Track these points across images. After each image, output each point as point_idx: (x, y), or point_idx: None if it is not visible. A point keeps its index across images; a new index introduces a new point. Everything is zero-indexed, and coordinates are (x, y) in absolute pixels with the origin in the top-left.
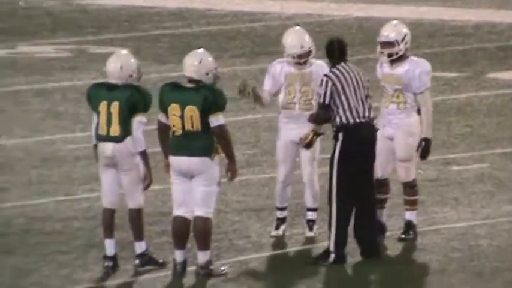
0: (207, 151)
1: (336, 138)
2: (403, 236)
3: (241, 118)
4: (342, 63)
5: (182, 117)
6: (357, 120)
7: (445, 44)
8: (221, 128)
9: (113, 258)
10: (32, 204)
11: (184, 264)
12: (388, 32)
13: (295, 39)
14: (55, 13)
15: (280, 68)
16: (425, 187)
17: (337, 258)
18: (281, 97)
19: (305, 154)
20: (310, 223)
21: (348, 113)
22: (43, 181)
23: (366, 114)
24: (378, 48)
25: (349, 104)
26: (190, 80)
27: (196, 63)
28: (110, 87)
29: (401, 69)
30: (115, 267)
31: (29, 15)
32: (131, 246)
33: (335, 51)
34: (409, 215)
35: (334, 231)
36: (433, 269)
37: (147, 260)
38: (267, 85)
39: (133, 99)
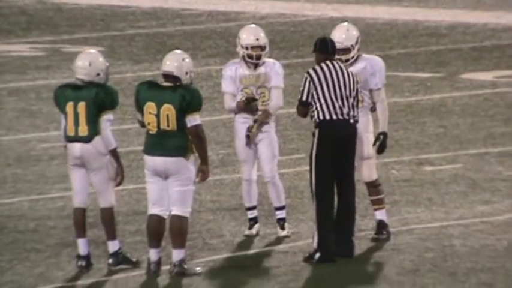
0: (182, 151)
1: (313, 134)
2: (375, 236)
3: (216, 118)
4: (328, 61)
5: (158, 115)
6: (333, 117)
7: (419, 45)
8: (197, 128)
9: (86, 258)
10: (5, 203)
11: (158, 263)
12: (342, 39)
13: (251, 33)
14: (30, 12)
15: (235, 70)
16: (399, 187)
17: (323, 257)
18: (236, 98)
19: (264, 152)
20: (281, 222)
21: (324, 109)
22: (17, 180)
23: (344, 112)
24: None
25: (325, 101)
26: (168, 78)
27: (177, 61)
28: (76, 88)
29: (357, 67)
30: (88, 266)
31: (3, 13)
32: (105, 245)
33: (328, 49)
34: (379, 214)
35: (317, 229)
36: (406, 269)
37: (120, 259)
38: (229, 87)
39: (99, 98)
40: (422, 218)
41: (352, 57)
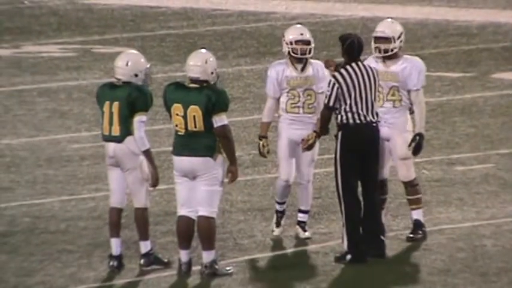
0: (209, 151)
1: (336, 137)
2: (411, 235)
3: (247, 118)
4: (354, 63)
5: (185, 117)
6: (357, 121)
7: (450, 44)
8: (224, 128)
9: (118, 258)
10: (37, 204)
11: (189, 263)
12: (384, 28)
13: (296, 29)
14: (60, 12)
15: (282, 71)
16: (430, 187)
17: (354, 257)
18: (283, 101)
19: (305, 155)
20: (302, 224)
21: (349, 114)
22: (48, 180)
23: (369, 116)
24: (373, 44)
25: (351, 106)
26: (194, 81)
27: (202, 64)
28: (113, 87)
29: (397, 66)
30: (120, 266)
31: (34, 14)
32: (136, 245)
33: (354, 50)
34: (416, 214)
35: (346, 231)
36: (437, 269)
37: (152, 260)
38: (272, 90)
39: (132, 99)
40: (453, 218)
41: (391, 50)
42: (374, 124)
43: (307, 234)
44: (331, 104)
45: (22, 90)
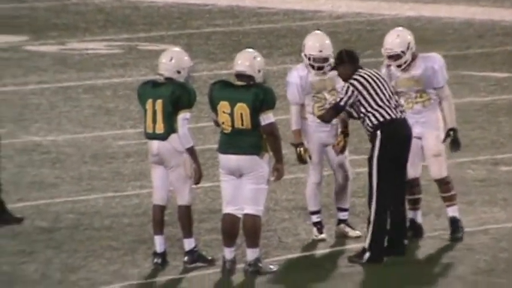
0: (256, 149)
1: (373, 137)
2: (452, 234)
3: None
4: (360, 70)
5: (232, 114)
6: (392, 116)
7: (495, 44)
8: (271, 126)
9: (163, 255)
10: (81, 200)
11: (233, 261)
12: (392, 45)
13: (316, 41)
14: (106, 9)
15: (305, 77)
16: (475, 187)
17: (373, 257)
18: (308, 104)
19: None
20: (347, 222)
21: (382, 110)
22: (93, 177)
23: (398, 111)
24: (385, 61)
25: (378, 104)
26: (241, 77)
27: (250, 60)
28: (156, 85)
29: (418, 70)
30: (164, 263)
31: (80, 11)
32: (180, 242)
33: (355, 58)
34: (452, 211)
35: (372, 230)
36: (481, 269)
37: (196, 257)
38: (296, 97)
39: (175, 96)
40: (498, 218)
41: (405, 63)
42: (406, 119)
43: (358, 232)
44: (342, 103)
45: (68, 87)
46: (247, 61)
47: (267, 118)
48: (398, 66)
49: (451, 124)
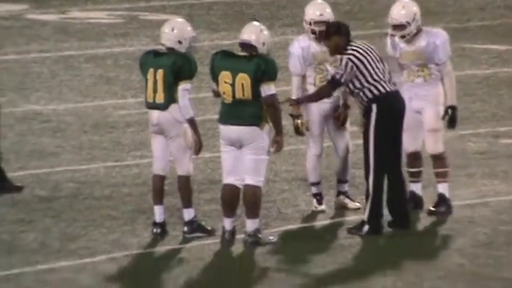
0: (256, 120)
1: (368, 110)
2: (433, 209)
3: None
4: (353, 43)
5: (233, 84)
6: (387, 89)
7: (496, 17)
8: (272, 97)
9: (162, 225)
10: (81, 169)
11: (232, 232)
12: (398, 15)
13: (316, 8)
14: None
15: (307, 48)
16: (475, 159)
17: (372, 229)
18: (310, 75)
19: (339, 128)
20: (347, 194)
21: (377, 84)
22: (93, 146)
23: (393, 84)
24: (390, 30)
25: (373, 78)
26: (245, 47)
27: (257, 31)
28: (157, 54)
29: (421, 44)
30: (163, 233)
31: None
32: (180, 213)
33: (349, 32)
34: (441, 188)
35: (370, 203)
36: (481, 241)
37: (195, 227)
38: (298, 68)
39: (176, 66)
40: (498, 191)
41: (408, 34)
42: (399, 92)
43: (357, 204)
44: (342, 80)
45: (69, 56)
46: (253, 32)
47: (268, 89)
48: (402, 37)
49: (450, 101)
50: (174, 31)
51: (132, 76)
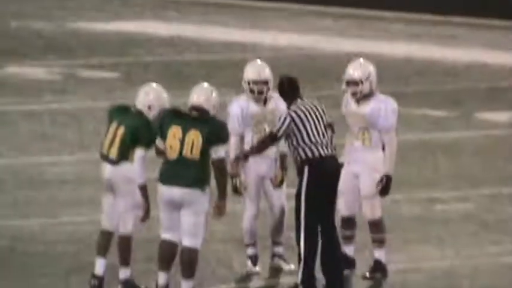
0: (201, 183)
1: (301, 172)
2: (370, 274)
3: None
4: (299, 100)
5: (182, 141)
6: (322, 153)
7: (435, 83)
8: (221, 161)
9: (100, 279)
10: (16, 225)
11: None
12: (353, 71)
13: (255, 68)
14: (46, 35)
15: (246, 108)
16: (409, 225)
17: None
18: (248, 135)
19: (276, 189)
20: (282, 256)
21: (312, 146)
22: (29, 202)
23: (330, 148)
24: (343, 86)
25: (310, 139)
26: (197, 110)
27: (207, 94)
28: (126, 111)
29: (367, 107)
30: (100, 287)
31: (20, 36)
32: (114, 271)
33: (299, 88)
34: (378, 254)
35: (302, 266)
36: None
37: (129, 286)
38: (236, 127)
39: (138, 131)
40: (432, 257)
41: (360, 92)
42: (335, 157)
43: (292, 266)
44: (279, 134)
45: (5, 112)
46: (203, 95)
47: (219, 152)
48: (354, 94)
49: (387, 171)
50: (149, 96)
51: (68, 133)
